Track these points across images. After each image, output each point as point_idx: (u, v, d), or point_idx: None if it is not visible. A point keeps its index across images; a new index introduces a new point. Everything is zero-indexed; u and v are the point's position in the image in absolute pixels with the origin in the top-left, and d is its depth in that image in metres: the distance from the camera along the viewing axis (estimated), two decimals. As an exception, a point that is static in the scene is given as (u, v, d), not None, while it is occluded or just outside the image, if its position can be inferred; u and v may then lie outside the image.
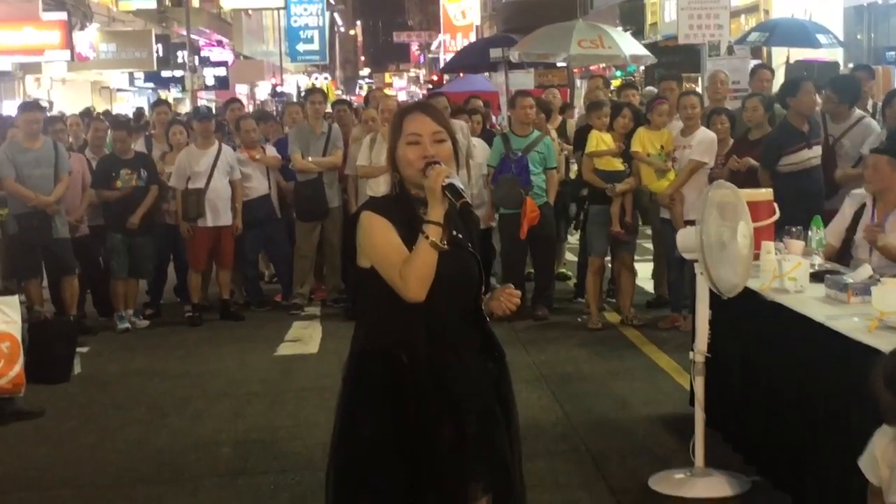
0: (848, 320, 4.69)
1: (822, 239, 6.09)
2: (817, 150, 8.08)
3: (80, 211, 9.73)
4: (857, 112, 8.42)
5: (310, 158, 10.39)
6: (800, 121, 8.14)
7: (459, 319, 3.42)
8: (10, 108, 18.72)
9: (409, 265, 3.26)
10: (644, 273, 10.26)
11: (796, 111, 8.20)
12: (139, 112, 22.10)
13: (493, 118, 13.69)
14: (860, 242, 5.99)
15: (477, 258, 3.47)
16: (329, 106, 13.07)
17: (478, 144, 9.98)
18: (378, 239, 3.34)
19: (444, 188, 3.26)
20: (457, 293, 3.40)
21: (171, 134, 10.51)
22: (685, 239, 5.58)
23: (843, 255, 6.09)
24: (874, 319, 4.53)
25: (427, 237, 3.25)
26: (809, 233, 6.10)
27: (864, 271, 5.34)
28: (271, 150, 10.74)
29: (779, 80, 13.67)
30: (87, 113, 17.41)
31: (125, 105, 29.25)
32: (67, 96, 25.18)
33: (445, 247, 3.28)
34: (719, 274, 5.43)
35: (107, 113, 18.49)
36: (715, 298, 5.50)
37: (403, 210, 3.37)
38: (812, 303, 5.14)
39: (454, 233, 3.39)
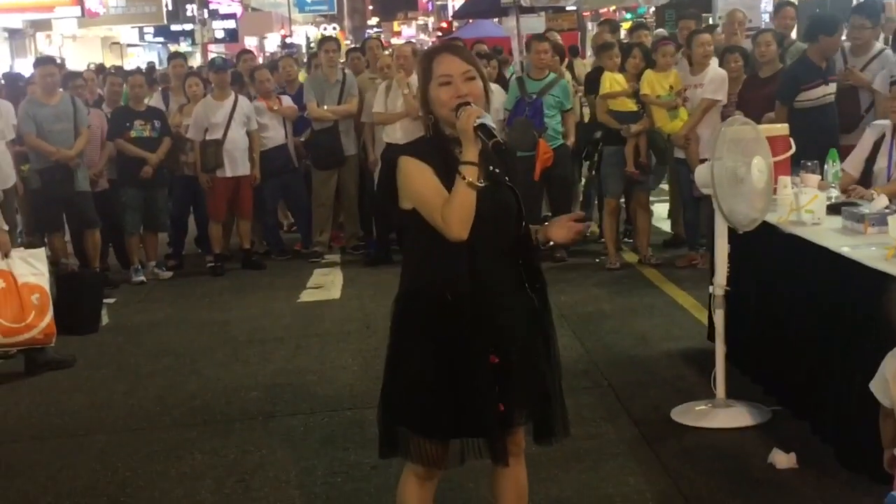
0: (865, 250, 4.73)
1: (838, 172, 6.12)
2: (833, 87, 8.08)
3: (101, 165, 9.81)
4: (878, 44, 8.41)
5: (325, 107, 10.45)
6: (819, 57, 8.13)
7: (500, 254, 3.46)
8: (22, 66, 18.79)
9: (449, 206, 3.30)
10: (660, 213, 10.32)
11: (823, 50, 8.15)
12: (151, 67, 22.11)
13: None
14: (879, 173, 6.02)
15: (515, 192, 3.48)
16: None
17: (494, 90, 9.99)
18: (417, 183, 3.38)
19: (476, 128, 3.27)
20: (497, 229, 3.43)
21: (187, 86, 10.55)
22: (703, 175, 5.62)
23: (861, 185, 6.12)
24: (891, 248, 4.58)
25: (464, 178, 3.27)
26: (825, 166, 6.15)
27: (881, 202, 5.40)
28: (287, 101, 10.78)
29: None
30: (100, 69, 17.44)
31: (136, 60, 29.27)
32: (79, 53, 25.24)
33: (482, 185, 3.30)
34: (736, 208, 5.49)
35: (119, 68, 18.48)
36: (734, 233, 5.57)
37: (439, 151, 3.40)
38: (829, 234, 5.19)
39: (491, 168, 3.42)
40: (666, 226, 10.34)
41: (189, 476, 5.25)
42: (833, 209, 5.52)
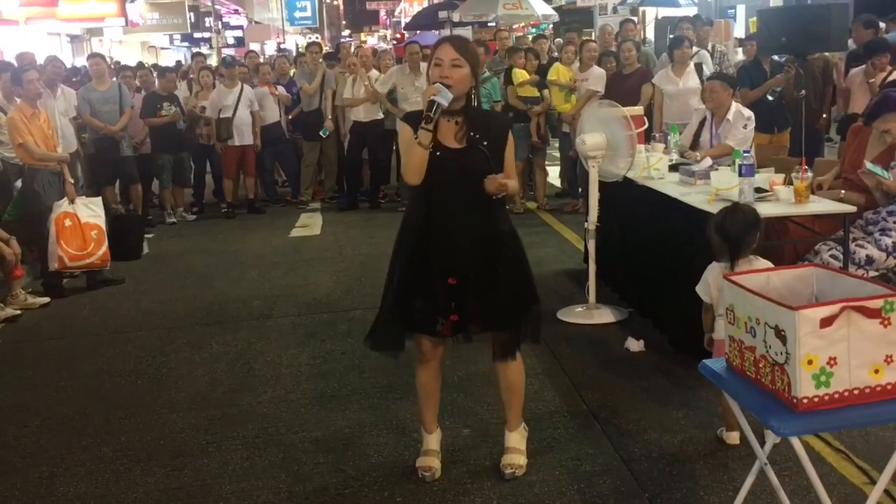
0: (695, 196, 4.83)
1: (678, 141, 6.20)
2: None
3: (142, 135, 9.71)
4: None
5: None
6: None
7: (466, 201, 3.27)
8: (81, 62, 18.35)
9: (404, 159, 3.26)
10: (554, 173, 10.38)
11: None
12: (178, 64, 21.61)
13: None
14: (704, 143, 6.11)
15: (485, 154, 3.24)
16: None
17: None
18: (401, 141, 3.33)
19: (429, 102, 3.17)
20: (461, 180, 3.24)
21: (200, 77, 10.49)
22: (583, 144, 5.66)
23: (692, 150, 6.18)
24: (712, 195, 4.69)
25: (416, 139, 3.20)
26: (668, 137, 6.23)
27: (706, 162, 5.49)
28: (281, 90, 10.67)
29: (649, 31, 13.61)
30: (140, 66, 17.00)
31: (167, 59, 28.51)
32: (123, 53, 24.52)
33: (429, 147, 3.19)
34: (608, 167, 5.57)
35: (154, 65, 18.03)
36: (602, 184, 5.63)
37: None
38: (670, 185, 5.27)
39: (472, 134, 3.26)
40: (558, 182, 10.41)
41: (208, 360, 5.27)
42: (673, 168, 5.62)
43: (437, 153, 3.24)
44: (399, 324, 3.41)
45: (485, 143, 3.26)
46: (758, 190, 4.59)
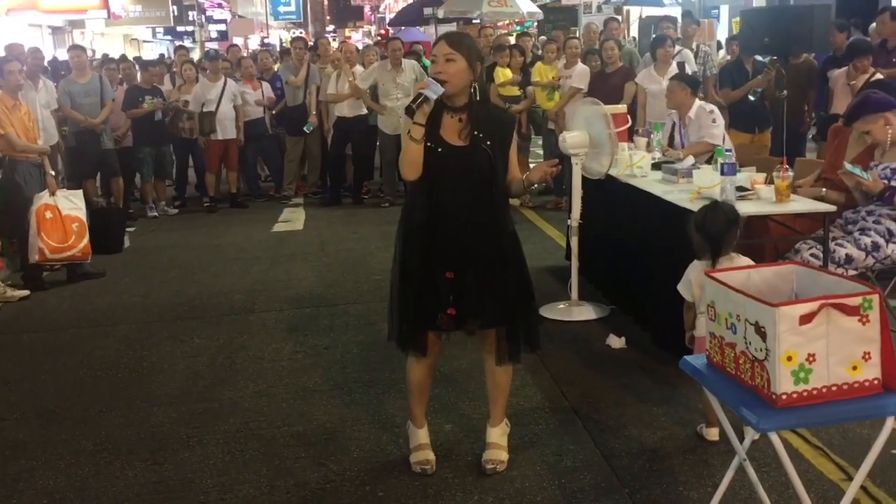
0: (677, 194, 4.85)
1: (660, 139, 6.24)
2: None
3: (124, 128, 9.64)
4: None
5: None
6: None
7: (466, 197, 3.24)
8: (62, 55, 18.21)
9: (401, 154, 3.27)
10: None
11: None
12: (161, 57, 21.47)
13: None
14: (676, 145, 6.12)
15: (488, 153, 3.21)
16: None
17: (406, 66, 9.80)
18: (402, 136, 3.32)
19: (416, 95, 3.17)
20: (464, 178, 3.22)
21: (183, 70, 10.41)
22: (565, 141, 5.67)
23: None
24: (694, 193, 4.73)
25: (408, 133, 3.19)
26: (651, 135, 6.26)
27: (689, 161, 5.53)
28: (266, 86, 10.60)
29: (634, 30, 13.64)
30: (122, 59, 16.87)
31: (149, 52, 28.32)
32: (105, 46, 24.31)
33: (421, 141, 3.18)
34: (591, 164, 5.59)
35: (137, 58, 17.91)
36: (585, 181, 5.65)
37: (432, 113, 3.24)
38: (653, 183, 5.29)
39: (476, 133, 3.23)
40: (540, 179, 10.40)
41: (190, 354, 5.24)
42: (655, 166, 5.65)
43: (440, 150, 3.23)
44: (409, 320, 3.39)
45: (488, 142, 3.23)
46: (739, 189, 4.62)
